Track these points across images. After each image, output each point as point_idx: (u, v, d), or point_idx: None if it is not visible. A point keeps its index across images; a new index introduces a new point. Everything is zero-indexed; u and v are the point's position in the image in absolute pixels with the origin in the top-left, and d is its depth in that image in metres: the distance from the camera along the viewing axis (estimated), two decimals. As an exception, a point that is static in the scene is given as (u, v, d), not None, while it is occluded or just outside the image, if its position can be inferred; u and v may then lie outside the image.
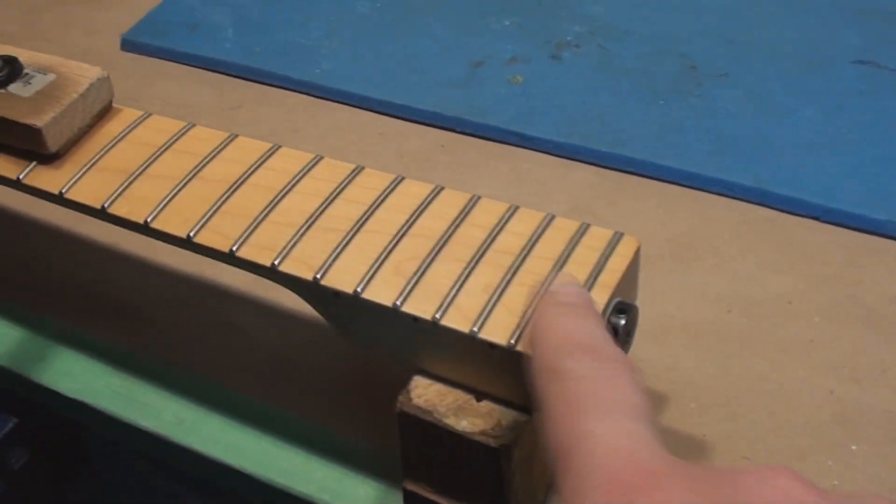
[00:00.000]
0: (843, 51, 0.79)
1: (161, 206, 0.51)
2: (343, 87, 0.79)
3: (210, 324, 0.64)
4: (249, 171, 0.52)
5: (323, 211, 0.49)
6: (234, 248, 0.48)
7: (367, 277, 0.46)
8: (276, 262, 0.48)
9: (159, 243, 0.51)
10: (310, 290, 0.47)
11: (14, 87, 0.57)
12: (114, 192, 0.52)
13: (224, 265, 0.50)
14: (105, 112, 0.57)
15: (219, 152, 0.53)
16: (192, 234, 0.49)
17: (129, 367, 0.62)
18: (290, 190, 0.51)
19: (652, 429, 0.36)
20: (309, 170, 0.52)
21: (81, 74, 0.57)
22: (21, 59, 0.58)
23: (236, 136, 0.54)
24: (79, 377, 0.63)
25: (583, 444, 0.35)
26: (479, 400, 0.46)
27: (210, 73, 0.83)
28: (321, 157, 0.52)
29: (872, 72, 0.77)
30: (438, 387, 0.47)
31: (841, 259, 0.64)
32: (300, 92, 0.80)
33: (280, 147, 0.53)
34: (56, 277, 0.69)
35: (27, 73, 0.58)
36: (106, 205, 0.52)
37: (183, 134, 0.55)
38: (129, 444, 0.65)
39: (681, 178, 0.70)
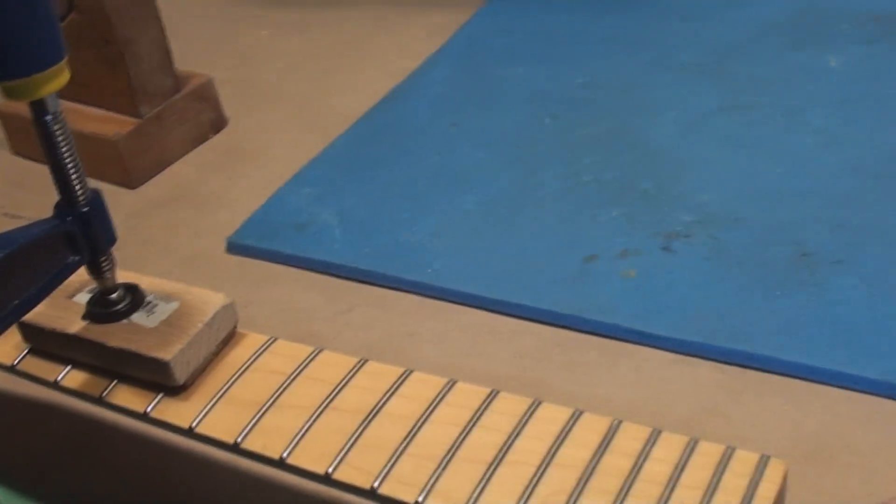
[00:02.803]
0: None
1: (296, 439, 0.50)
2: (455, 286, 0.78)
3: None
4: (383, 400, 0.51)
5: (462, 441, 0.49)
6: (376, 485, 0.47)
7: (514, 514, 0.45)
8: (419, 500, 0.47)
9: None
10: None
11: (137, 317, 0.57)
12: (246, 426, 0.51)
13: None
14: (230, 338, 0.57)
15: (350, 379, 0.53)
16: (330, 471, 0.48)
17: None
18: (426, 419, 0.50)
19: None
20: (444, 396, 0.51)
21: (205, 301, 0.57)
22: (142, 286, 0.59)
23: (366, 360, 0.54)
24: None
25: None
26: None
27: (320, 276, 0.83)
28: (455, 382, 0.52)
29: None
30: None
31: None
32: (412, 293, 0.80)
33: (412, 372, 0.53)
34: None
35: (150, 302, 0.58)
36: (239, 440, 0.51)
37: (311, 360, 0.55)
38: None
39: (804, 373, 0.68)
